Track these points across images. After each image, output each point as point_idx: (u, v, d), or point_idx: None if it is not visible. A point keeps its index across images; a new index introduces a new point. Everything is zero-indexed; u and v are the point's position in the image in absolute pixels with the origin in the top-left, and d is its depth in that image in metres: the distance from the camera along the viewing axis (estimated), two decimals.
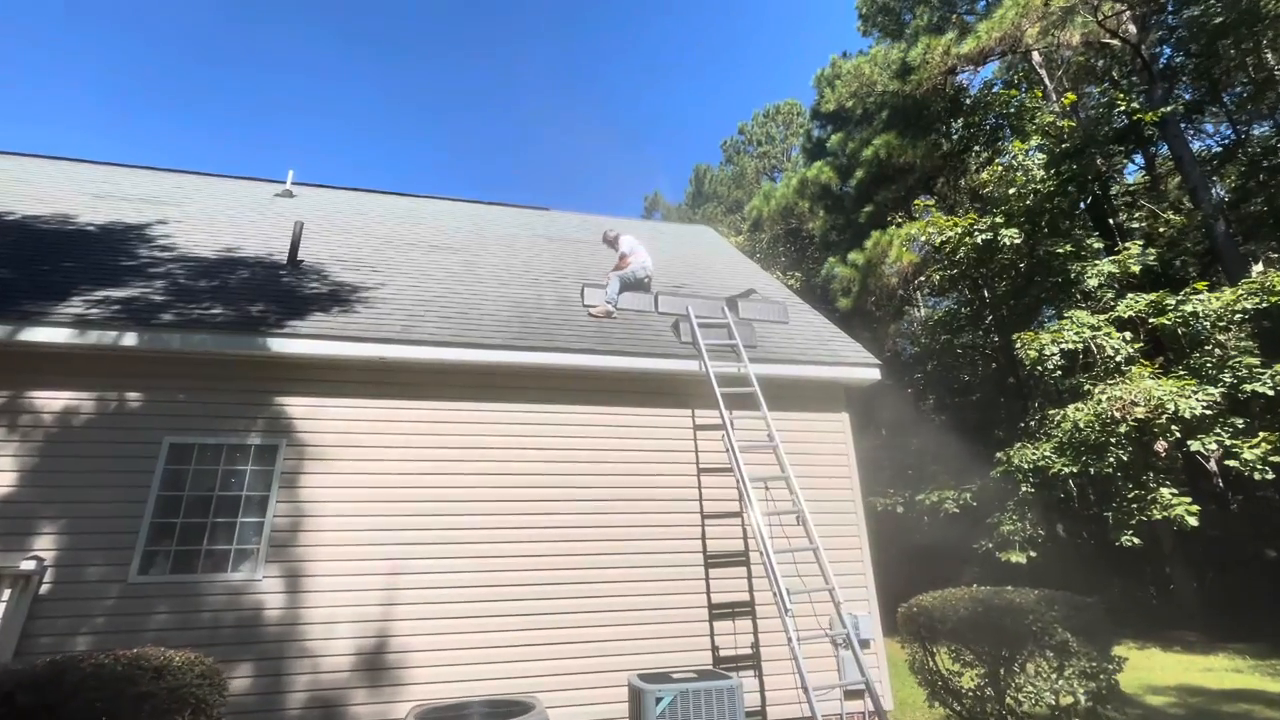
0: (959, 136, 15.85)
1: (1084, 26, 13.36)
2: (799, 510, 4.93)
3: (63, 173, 8.84)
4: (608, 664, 4.99)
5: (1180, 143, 13.24)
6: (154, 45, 74.06)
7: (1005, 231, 11.94)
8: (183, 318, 5.04)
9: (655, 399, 5.93)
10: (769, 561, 4.48)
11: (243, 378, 5.11)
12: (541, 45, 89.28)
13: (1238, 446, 9.10)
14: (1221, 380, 9.48)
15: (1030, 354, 10.61)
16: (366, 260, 7.11)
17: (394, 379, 5.40)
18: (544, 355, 5.61)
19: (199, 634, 4.40)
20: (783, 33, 68.88)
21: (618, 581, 5.26)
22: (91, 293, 5.22)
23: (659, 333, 6.32)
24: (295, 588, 4.70)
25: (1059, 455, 10.18)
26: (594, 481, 5.51)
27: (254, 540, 4.73)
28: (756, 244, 22.06)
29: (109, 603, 4.37)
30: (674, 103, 79.03)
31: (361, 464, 5.09)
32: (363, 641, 4.67)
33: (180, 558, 4.59)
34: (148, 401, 4.89)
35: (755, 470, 5.40)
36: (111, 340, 4.78)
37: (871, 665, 5.30)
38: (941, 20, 16.45)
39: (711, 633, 5.29)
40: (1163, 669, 7.86)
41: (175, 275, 5.89)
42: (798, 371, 6.18)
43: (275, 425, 5.05)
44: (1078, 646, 3.67)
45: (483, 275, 7.25)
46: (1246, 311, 9.75)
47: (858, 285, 15.47)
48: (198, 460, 4.83)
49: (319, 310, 5.57)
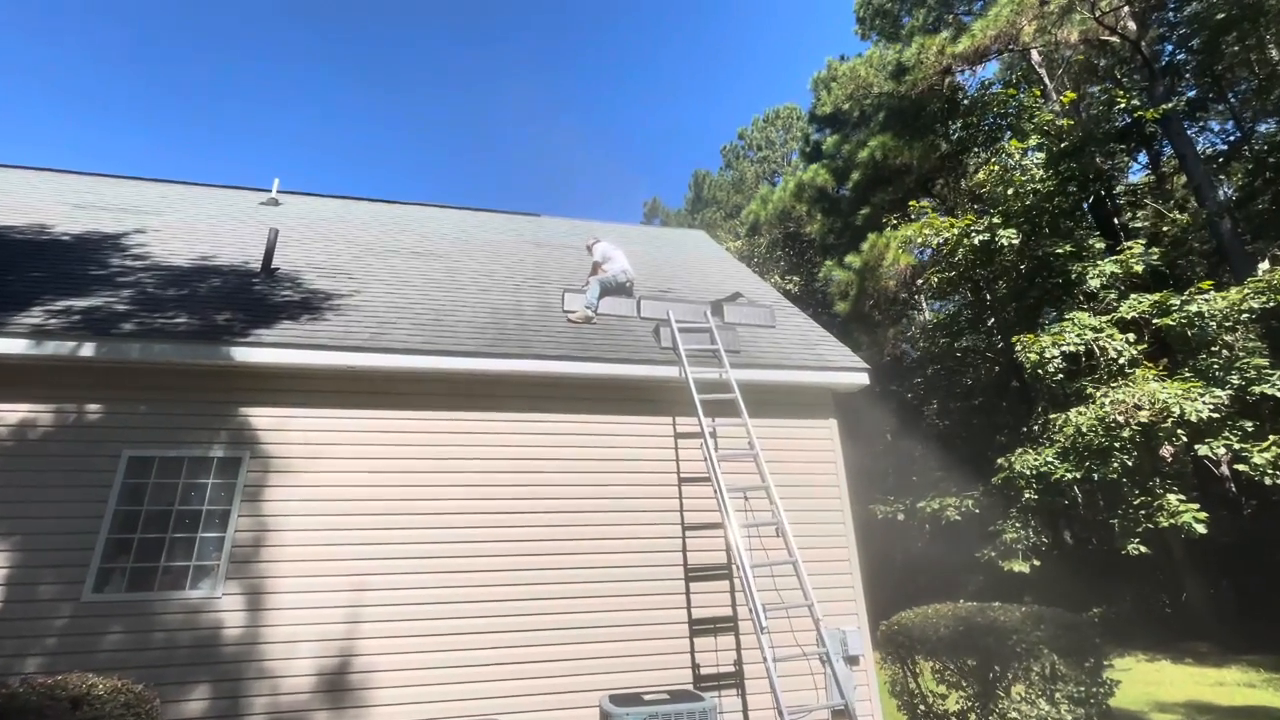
0: (957, 137, 15.65)
1: (1082, 24, 13.16)
2: (778, 521, 4.72)
3: (46, 183, 8.80)
4: (584, 683, 4.79)
5: (1183, 140, 12.99)
6: (142, 46, 74.96)
7: (1003, 232, 11.71)
8: (144, 327, 4.92)
9: (635, 406, 5.75)
10: (745, 576, 4.28)
11: (206, 388, 4.97)
12: (539, 55, 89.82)
13: (1248, 450, 8.81)
14: (1229, 382, 9.19)
15: (1030, 357, 10.36)
16: (344, 268, 6.98)
17: (363, 388, 5.24)
18: (518, 362, 5.44)
19: (154, 654, 4.25)
20: (783, 38, 68.97)
21: (595, 596, 5.06)
22: (54, 303, 5.11)
23: (640, 338, 6.15)
24: (256, 605, 4.54)
25: (1062, 461, 9.91)
26: (570, 492, 5.32)
27: (214, 556, 4.58)
28: (755, 248, 21.89)
29: (61, 622, 4.22)
30: (674, 109, 79.23)
31: (328, 476, 4.94)
32: (325, 661, 4.50)
33: (137, 575, 4.44)
34: (107, 414, 4.76)
35: (736, 480, 5.21)
36: (69, 351, 4.66)
37: (860, 683, 5.06)
38: (938, 21, 16.31)
39: (692, 650, 5.08)
40: (1172, 683, 7.56)
41: (144, 284, 5.78)
42: (783, 377, 5.98)
43: (239, 437, 4.91)
44: (1065, 669, 3.44)
45: (463, 281, 7.11)
46: (1254, 311, 9.47)
47: (855, 289, 15.25)
48: (158, 474, 4.69)
49: (287, 318, 5.44)
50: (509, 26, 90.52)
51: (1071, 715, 3.43)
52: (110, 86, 76.67)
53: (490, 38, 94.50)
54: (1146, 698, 6.67)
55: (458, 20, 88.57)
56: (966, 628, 3.65)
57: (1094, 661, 3.69)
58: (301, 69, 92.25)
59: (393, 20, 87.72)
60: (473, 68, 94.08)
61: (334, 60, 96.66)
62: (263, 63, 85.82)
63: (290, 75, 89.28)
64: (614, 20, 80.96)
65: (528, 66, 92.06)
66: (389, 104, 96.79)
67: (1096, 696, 3.51)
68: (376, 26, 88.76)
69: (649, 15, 79.82)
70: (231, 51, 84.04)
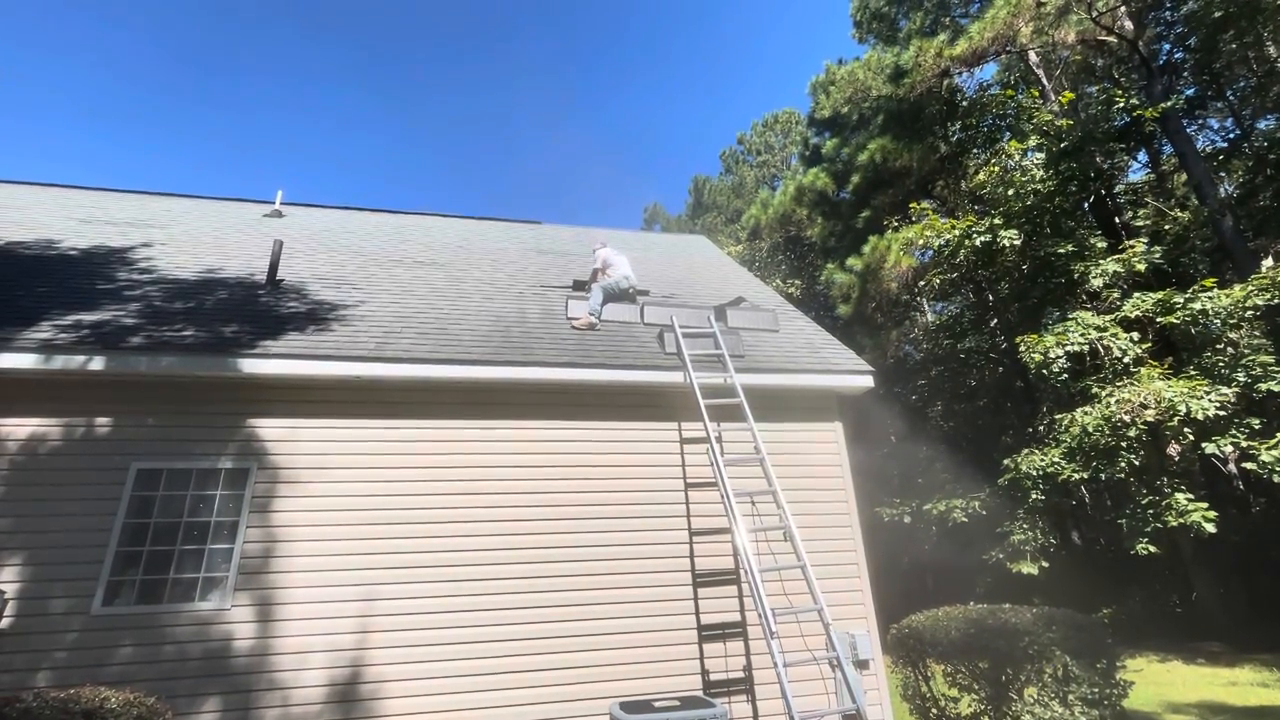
0: (957, 139, 15.68)
1: (1079, 24, 13.21)
2: (785, 526, 4.72)
3: (52, 199, 8.86)
4: (594, 691, 4.77)
5: (1183, 138, 12.99)
6: (143, 60, 75.55)
7: (1004, 233, 11.71)
8: (152, 340, 4.95)
9: (640, 412, 5.75)
10: (754, 581, 4.27)
11: (213, 400, 4.99)
12: (540, 62, 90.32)
13: (1255, 448, 8.77)
14: (1235, 380, 9.16)
15: (1034, 357, 10.34)
16: (349, 278, 7.02)
17: (370, 398, 5.26)
18: (523, 370, 5.46)
19: (165, 667, 4.25)
20: (782, 43, 69.25)
21: (604, 604, 5.05)
22: (63, 317, 5.15)
23: (643, 344, 6.16)
24: (266, 616, 4.54)
25: (1068, 461, 9.87)
26: (577, 499, 5.32)
27: (223, 568, 4.59)
28: (756, 252, 21.92)
29: (71, 636, 4.23)
30: (674, 115, 79.52)
31: (336, 486, 4.95)
32: (336, 672, 4.49)
33: (146, 587, 4.45)
34: (115, 426, 4.79)
35: (742, 485, 5.21)
36: (78, 365, 4.69)
37: (871, 687, 5.04)
38: (935, 24, 16.38)
39: (701, 655, 5.06)
40: (1184, 683, 7.50)
41: (151, 298, 5.82)
42: (787, 380, 5.98)
43: (247, 448, 4.92)
44: (1078, 671, 3.42)
45: (466, 290, 7.14)
46: (1258, 308, 9.45)
47: (857, 291, 15.25)
48: (166, 485, 4.71)
49: (294, 330, 5.47)
50: (513, 33, 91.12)
51: (1085, 717, 3.41)
52: (123, 100, 77.32)
53: (495, 44, 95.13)
54: (1159, 699, 6.62)
55: (464, 29, 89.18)
56: (978, 630, 3.63)
57: (1106, 663, 3.66)
58: (303, 76, 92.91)
59: (394, 31, 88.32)
60: (477, 76, 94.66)
61: (336, 66, 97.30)
62: (268, 77, 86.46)
63: (295, 84, 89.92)
64: (613, 28, 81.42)
65: (530, 72, 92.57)
66: (389, 112, 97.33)
67: (1110, 698, 3.49)
68: (376, 31, 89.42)
69: (649, 22, 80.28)
70: (245, 65, 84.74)
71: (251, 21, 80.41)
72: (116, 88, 76.60)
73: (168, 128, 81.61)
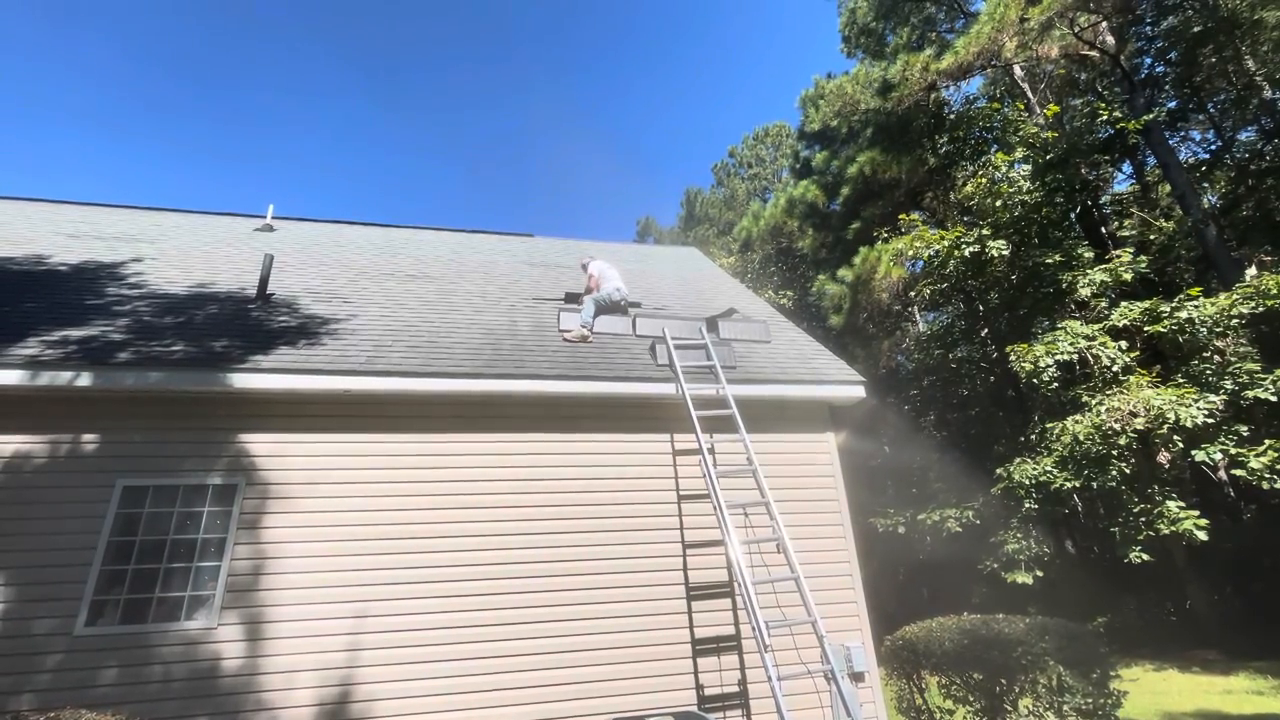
0: (945, 151, 15.89)
1: (1062, 39, 13.46)
2: (779, 537, 4.70)
3: (41, 214, 8.82)
4: (586, 707, 4.71)
5: (1165, 150, 13.23)
6: (143, 72, 75.65)
7: (993, 243, 11.84)
8: (140, 355, 4.91)
9: (632, 424, 5.74)
10: (747, 594, 4.25)
11: (201, 415, 4.95)
12: (532, 75, 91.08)
13: (1244, 455, 8.84)
14: (1223, 387, 9.25)
15: (1025, 366, 10.41)
16: (339, 292, 7.00)
17: (360, 412, 5.23)
18: (515, 383, 5.44)
19: (150, 688, 4.17)
20: (772, 58, 70.17)
21: (597, 618, 5.01)
22: (49, 333, 5.10)
23: (635, 356, 6.17)
24: (254, 635, 4.47)
25: (1061, 469, 9.91)
26: (569, 512, 5.29)
27: (210, 586, 4.52)
28: (748, 264, 22.04)
29: (54, 658, 4.14)
30: (666, 128, 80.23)
31: (325, 501, 4.90)
32: (325, 691, 4.42)
33: (131, 607, 4.37)
34: (102, 443, 4.73)
35: (735, 496, 5.19)
36: (65, 381, 4.64)
37: (866, 700, 5.01)
38: (921, 39, 16.66)
39: (696, 670, 5.02)
40: (1180, 692, 7.49)
41: (140, 313, 5.78)
42: (779, 391, 5.99)
43: (235, 464, 4.87)
44: (1072, 681, 3.41)
45: (457, 303, 7.14)
46: (1243, 316, 9.57)
47: (848, 302, 15.35)
48: (152, 503, 4.65)
49: (284, 344, 5.44)
50: (507, 47, 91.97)
51: None
52: (116, 109, 77.26)
53: (490, 58, 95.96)
54: (1155, 708, 6.60)
55: (458, 37, 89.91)
56: (972, 641, 3.62)
57: (1100, 672, 3.66)
58: (299, 86, 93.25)
59: (393, 36, 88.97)
60: (473, 88, 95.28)
61: (334, 75, 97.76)
62: (265, 87, 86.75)
63: (291, 95, 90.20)
64: (607, 41, 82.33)
65: (523, 90, 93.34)
66: (388, 124, 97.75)
67: (1104, 708, 3.48)
68: (381, 40, 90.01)
69: (641, 36, 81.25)
70: (242, 75, 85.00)
71: (249, 29, 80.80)
72: (106, 98, 76.58)
73: (165, 139, 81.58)
